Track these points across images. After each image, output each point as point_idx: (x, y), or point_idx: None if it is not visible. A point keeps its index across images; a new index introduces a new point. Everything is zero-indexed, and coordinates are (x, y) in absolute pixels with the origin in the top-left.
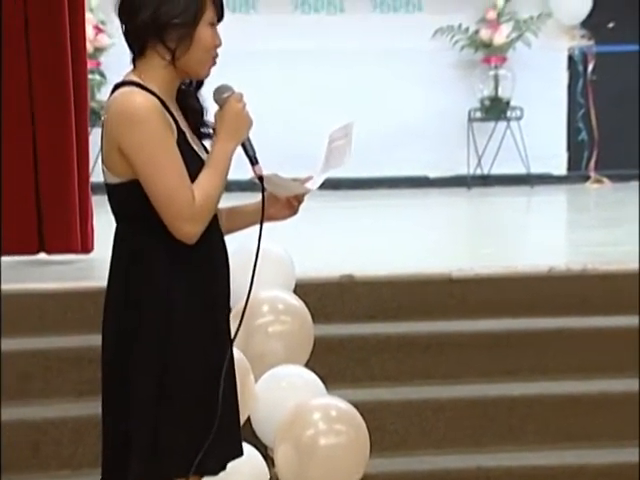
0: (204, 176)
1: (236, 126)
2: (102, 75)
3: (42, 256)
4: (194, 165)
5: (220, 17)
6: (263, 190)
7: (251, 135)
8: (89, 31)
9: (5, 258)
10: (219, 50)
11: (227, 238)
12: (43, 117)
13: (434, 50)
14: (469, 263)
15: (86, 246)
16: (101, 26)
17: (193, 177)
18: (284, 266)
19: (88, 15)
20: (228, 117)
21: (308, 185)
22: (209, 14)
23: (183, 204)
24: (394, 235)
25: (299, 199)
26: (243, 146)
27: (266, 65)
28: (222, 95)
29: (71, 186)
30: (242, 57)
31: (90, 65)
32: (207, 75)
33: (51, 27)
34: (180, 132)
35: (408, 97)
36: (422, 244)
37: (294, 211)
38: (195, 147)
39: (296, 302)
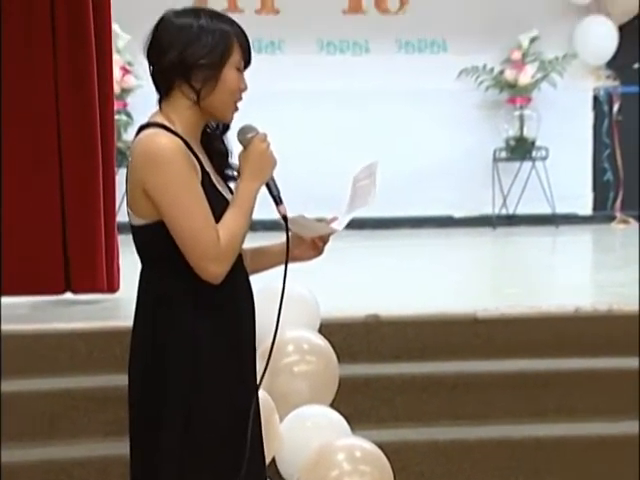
0: (229, 216)
1: (260, 166)
2: (129, 115)
3: (68, 296)
4: (219, 205)
5: (247, 63)
6: (287, 230)
7: (275, 175)
8: (116, 72)
9: (31, 298)
10: (244, 94)
11: (252, 278)
12: (70, 157)
13: (459, 90)
14: (494, 303)
15: (112, 286)
16: (128, 67)
17: (218, 217)
18: (309, 306)
19: (115, 56)
20: (252, 157)
21: (334, 225)
22: (236, 58)
23: (208, 244)
24: (419, 275)
25: (324, 240)
26: (267, 186)
27: (291, 105)
28: (246, 136)
29: (97, 226)
30: (268, 97)
31: (117, 106)
32: (231, 119)
33: (79, 68)
34: (204, 173)
35: (433, 137)
36: (447, 284)
37: (319, 252)
38: (220, 188)
39: (321, 342)
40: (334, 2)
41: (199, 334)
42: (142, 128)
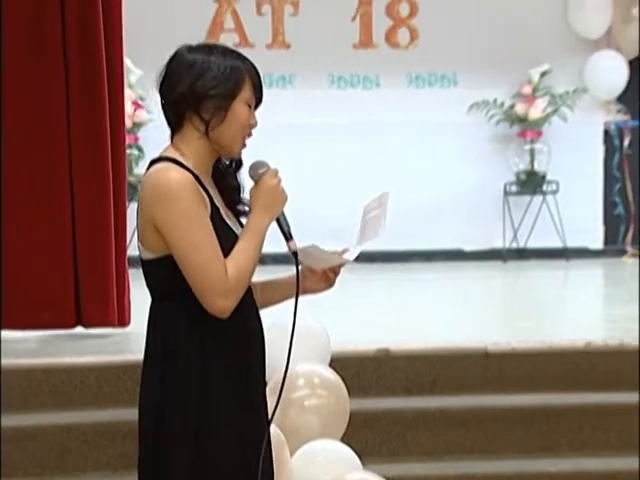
0: (237, 250)
1: (271, 201)
2: (140, 150)
3: (79, 330)
4: (228, 240)
5: (258, 101)
6: (297, 265)
7: (287, 209)
8: (128, 107)
9: (42, 332)
10: (254, 130)
11: (262, 312)
12: (82, 190)
13: (470, 124)
14: (505, 337)
15: (123, 320)
16: (140, 102)
17: (227, 252)
18: (320, 339)
19: (127, 91)
20: (263, 193)
21: (345, 256)
22: (246, 93)
23: (215, 278)
24: (429, 308)
25: (335, 271)
26: (278, 221)
27: (303, 139)
28: (257, 171)
29: (109, 259)
30: (279, 131)
31: (128, 140)
32: (238, 154)
33: (91, 103)
34: (214, 207)
35: (444, 170)
36: (458, 317)
37: (330, 283)
38: (229, 222)
39: (332, 376)
40: (345, 37)
41: (208, 369)
42: (153, 162)
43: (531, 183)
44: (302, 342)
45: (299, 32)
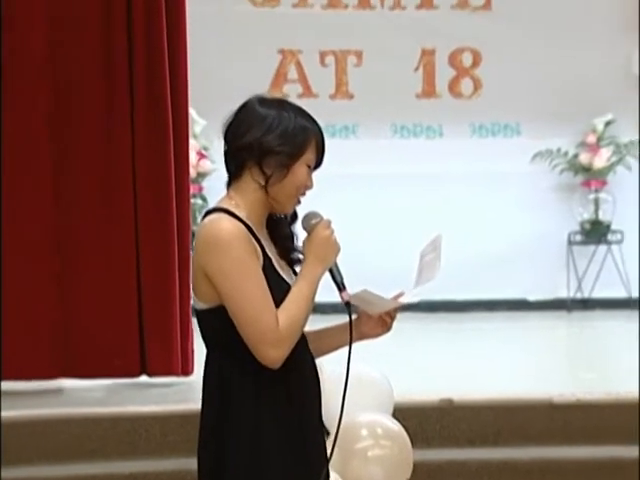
0: (289, 301)
1: (324, 252)
2: (204, 199)
3: (144, 379)
4: (280, 290)
5: (318, 164)
6: (350, 315)
7: (343, 259)
8: (192, 157)
9: (106, 381)
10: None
11: (323, 360)
12: (147, 240)
13: (533, 173)
14: (570, 388)
15: (186, 368)
16: (204, 152)
17: (279, 302)
18: (382, 389)
19: (192, 141)
20: (316, 243)
21: (400, 300)
22: (309, 155)
23: (266, 328)
24: (493, 358)
25: (391, 315)
26: (331, 272)
27: (365, 188)
28: (310, 222)
29: (173, 309)
30: (342, 181)
31: (192, 189)
32: (290, 212)
33: (157, 154)
34: (267, 258)
35: (507, 220)
36: (522, 368)
37: (387, 328)
38: (282, 273)
39: (395, 426)
40: (408, 86)
41: (261, 419)
42: (208, 213)
43: (596, 232)
44: (364, 392)
45: (362, 82)
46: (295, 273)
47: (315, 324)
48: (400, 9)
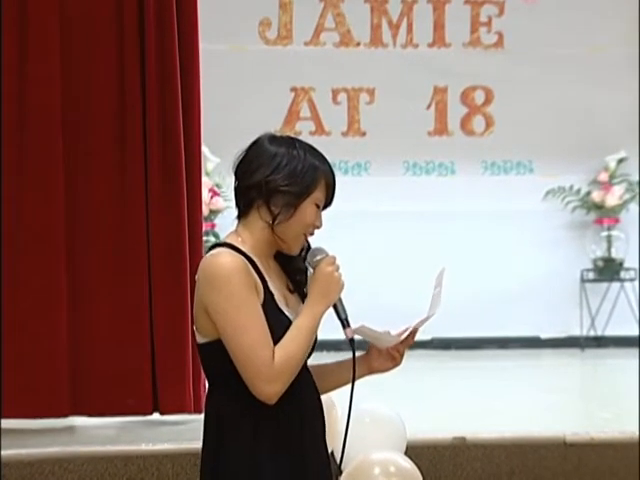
0: (288, 337)
1: (327, 289)
2: (216, 236)
3: (156, 416)
4: (280, 326)
5: (327, 203)
6: (354, 353)
7: (357, 296)
8: (205, 194)
9: (120, 419)
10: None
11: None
12: (159, 277)
13: (546, 211)
14: (584, 427)
15: (199, 406)
16: (216, 189)
17: (279, 338)
18: (395, 427)
19: (204, 179)
20: (319, 280)
21: (403, 336)
22: (318, 194)
23: (261, 364)
24: (506, 396)
25: (399, 350)
26: (335, 308)
27: (377, 226)
28: (315, 258)
29: (185, 346)
30: (354, 218)
31: (205, 227)
32: (296, 252)
33: (169, 190)
34: (268, 293)
35: (519, 257)
36: (535, 406)
37: (397, 362)
38: (284, 308)
39: (408, 465)
40: (420, 124)
41: (260, 455)
42: (212, 247)
43: (608, 270)
44: (377, 430)
45: (374, 120)
46: None
47: (318, 360)
48: (412, 47)
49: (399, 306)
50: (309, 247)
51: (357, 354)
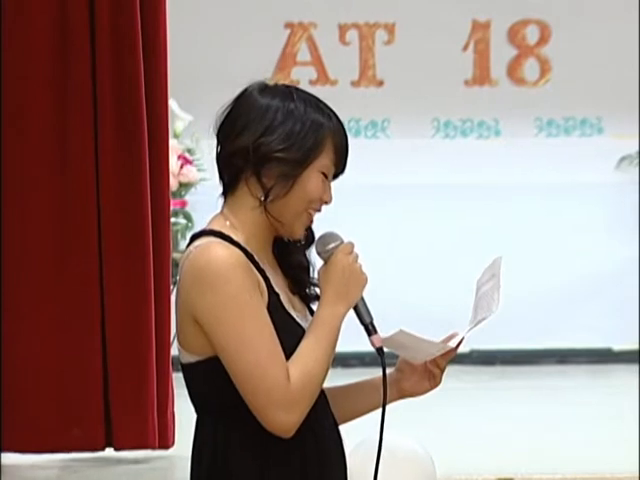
0: (303, 349)
1: (345, 285)
2: (188, 218)
3: (109, 452)
4: (291, 335)
5: (339, 172)
6: (384, 366)
7: (370, 294)
8: (173, 162)
9: (61, 456)
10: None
11: (346, 427)
12: (113, 273)
13: (618, 184)
14: None
15: (165, 440)
16: (188, 156)
17: (290, 351)
18: (423, 466)
19: (172, 142)
20: (335, 275)
21: (450, 343)
22: (324, 160)
23: (274, 386)
24: (565, 426)
25: (440, 365)
26: (356, 310)
27: (398, 203)
28: (326, 247)
29: (148, 362)
30: (369, 192)
31: (173, 205)
32: (300, 235)
33: (125, 158)
34: (273, 294)
35: (584, 245)
36: (603, 438)
37: (436, 383)
38: (293, 313)
39: None
40: (454, 71)
41: None
42: (195, 237)
43: None
44: (402, 469)
45: (394, 65)
46: (312, 313)
47: (336, 381)
48: None
49: (429, 306)
50: (312, 235)
51: (377, 376)
